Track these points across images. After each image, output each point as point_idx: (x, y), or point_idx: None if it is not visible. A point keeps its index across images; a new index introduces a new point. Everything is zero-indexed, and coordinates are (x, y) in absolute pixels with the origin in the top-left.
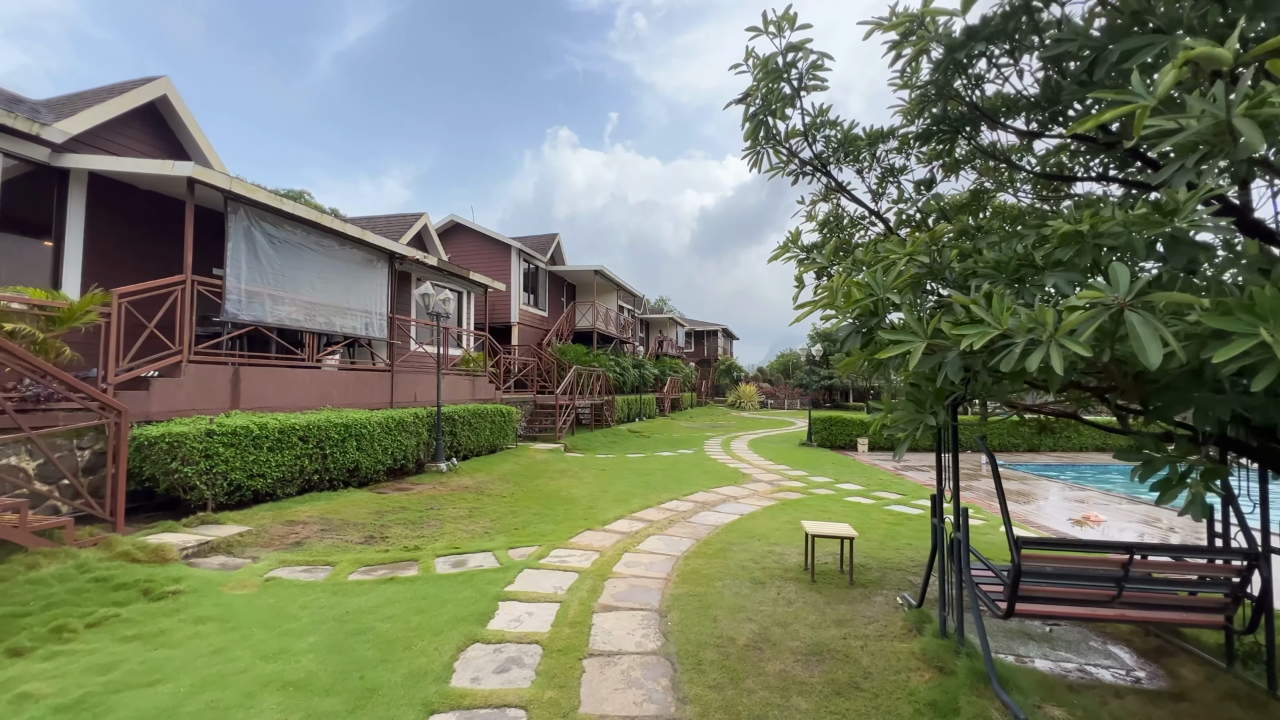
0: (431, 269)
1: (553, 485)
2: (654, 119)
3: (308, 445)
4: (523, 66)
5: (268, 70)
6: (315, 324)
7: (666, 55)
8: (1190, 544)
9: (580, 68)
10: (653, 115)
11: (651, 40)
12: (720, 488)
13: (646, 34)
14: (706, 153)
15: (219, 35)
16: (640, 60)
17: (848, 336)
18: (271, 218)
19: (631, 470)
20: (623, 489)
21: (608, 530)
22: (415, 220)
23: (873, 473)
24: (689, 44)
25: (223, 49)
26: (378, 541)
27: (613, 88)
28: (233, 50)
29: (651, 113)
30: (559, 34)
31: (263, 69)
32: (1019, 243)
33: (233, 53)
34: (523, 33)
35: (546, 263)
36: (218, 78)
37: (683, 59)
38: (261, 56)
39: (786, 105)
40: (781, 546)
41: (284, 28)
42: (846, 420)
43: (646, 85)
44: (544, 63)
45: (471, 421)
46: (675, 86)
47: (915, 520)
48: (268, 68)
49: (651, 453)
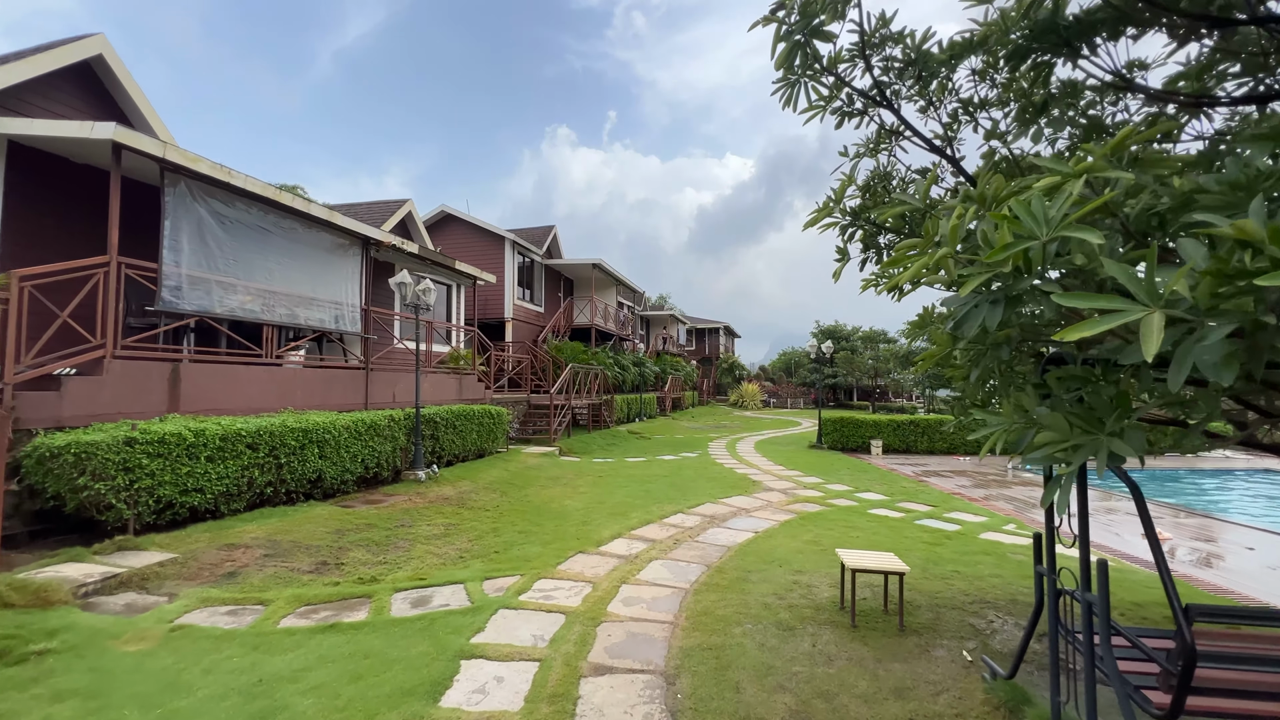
0: (412, 257)
1: (543, 495)
2: (654, 117)
3: (258, 454)
4: (523, 65)
5: (267, 69)
6: (275, 316)
7: (667, 53)
8: None
9: (581, 66)
10: (653, 113)
11: (652, 38)
12: (729, 498)
13: (646, 32)
14: (706, 151)
15: (218, 34)
16: (641, 58)
17: (970, 311)
18: (221, 194)
19: (631, 477)
20: (621, 500)
21: (603, 553)
22: (398, 207)
23: (893, 480)
24: (690, 42)
25: (222, 48)
26: (330, 569)
27: (613, 86)
28: (232, 49)
29: (652, 111)
30: (560, 32)
31: (261, 68)
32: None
33: (232, 52)
34: (523, 31)
35: (542, 256)
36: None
37: (684, 57)
38: (260, 55)
39: (832, 17)
40: (808, 575)
41: (283, 27)
42: (859, 421)
43: (647, 83)
44: (545, 61)
45: (456, 424)
46: (676, 85)
47: (956, 539)
48: (266, 67)
49: (653, 456)
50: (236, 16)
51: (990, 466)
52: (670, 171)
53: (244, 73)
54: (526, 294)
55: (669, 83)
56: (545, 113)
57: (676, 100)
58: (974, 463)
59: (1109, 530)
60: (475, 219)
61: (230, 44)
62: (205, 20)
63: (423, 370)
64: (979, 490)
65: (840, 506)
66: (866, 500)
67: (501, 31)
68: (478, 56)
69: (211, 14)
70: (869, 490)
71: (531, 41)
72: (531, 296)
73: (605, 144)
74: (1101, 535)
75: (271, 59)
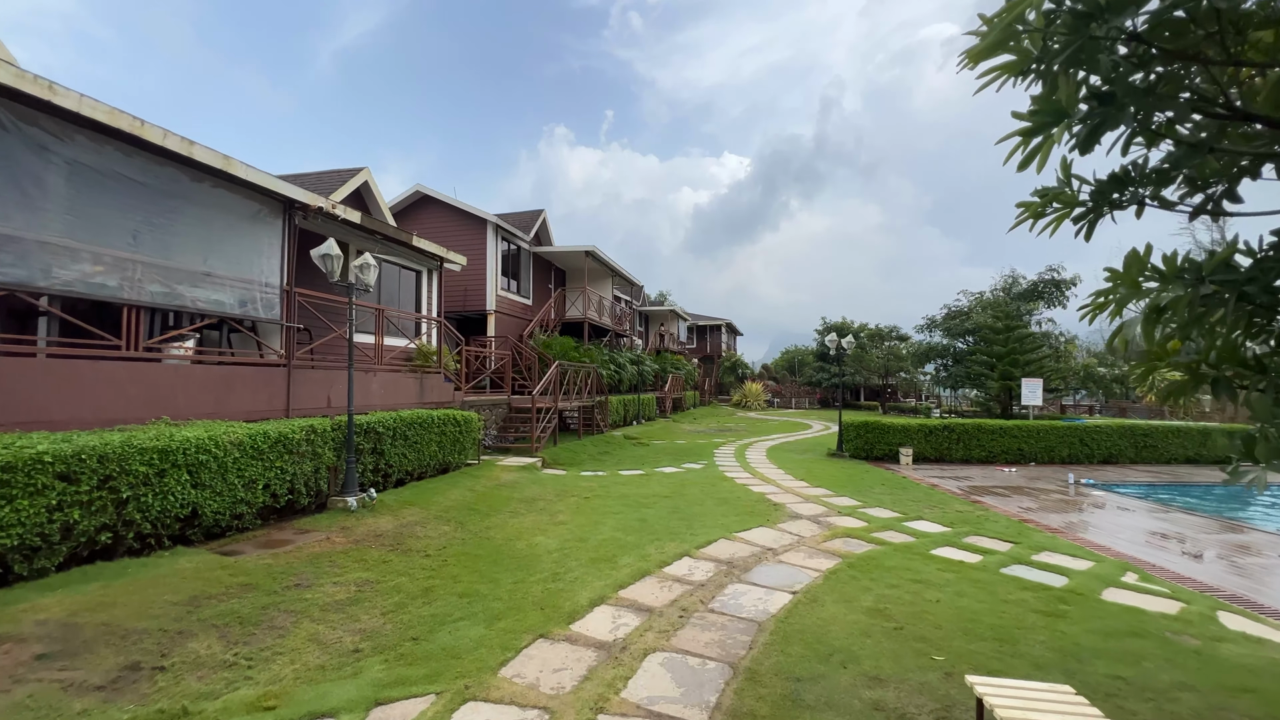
0: (353, 229)
1: (510, 528)
2: (654, 116)
3: (78, 487)
4: (522, 65)
5: (264, 70)
6: (142, 295)
7: (667, 52)
8: None
9: (581, 65)
10: (653, 112)
11: (651, 38)
12: (748, 530)
13: (644, 32)
14: (704, 150)
15: (218, 34)
16: (641, 57)
17: None
18: (49, 123)
19: (624, 498)
20: (608, 535)
21: (574, 638)
22: (351, 176)
23: (941, 500)
24: (690, 41)
25: (222, 48)
26: (140, 681)
27: (613, 85)
28: (232, 49)
29: (652, 110)
30: (560, 31)
31: (259, 69)
32: None
33: (232, 51)
34: (522, 31)
35: (530, 242)
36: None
37: (684, 56)
38: (259, 55)
39: None
40: (893, 688)
41: (284, 26)
42: (884, 426)
43: (647, 82)
44: (544, 60)
45: (408, 434)
46: (676, 84)
47: (1075, 604)
48: (264, 67)
49: (651, 468)
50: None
51: (1041, 479)
52: (668, 171)
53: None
54: (513, 285)
55: (670, 81)
56: (544, 113)
57: (677, 99)
58: (1021, 474)
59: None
60: (455, 200)
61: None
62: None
63: (371, 368)
64: (1052, 515)
65: (893, 544)
66: (922, 533)
67: (501, 32)
68: (478, 57)
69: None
70: (919, 517)
71: (531, 41)
72: (518, 287)
73: (603, 143)
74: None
75: (270, 59)
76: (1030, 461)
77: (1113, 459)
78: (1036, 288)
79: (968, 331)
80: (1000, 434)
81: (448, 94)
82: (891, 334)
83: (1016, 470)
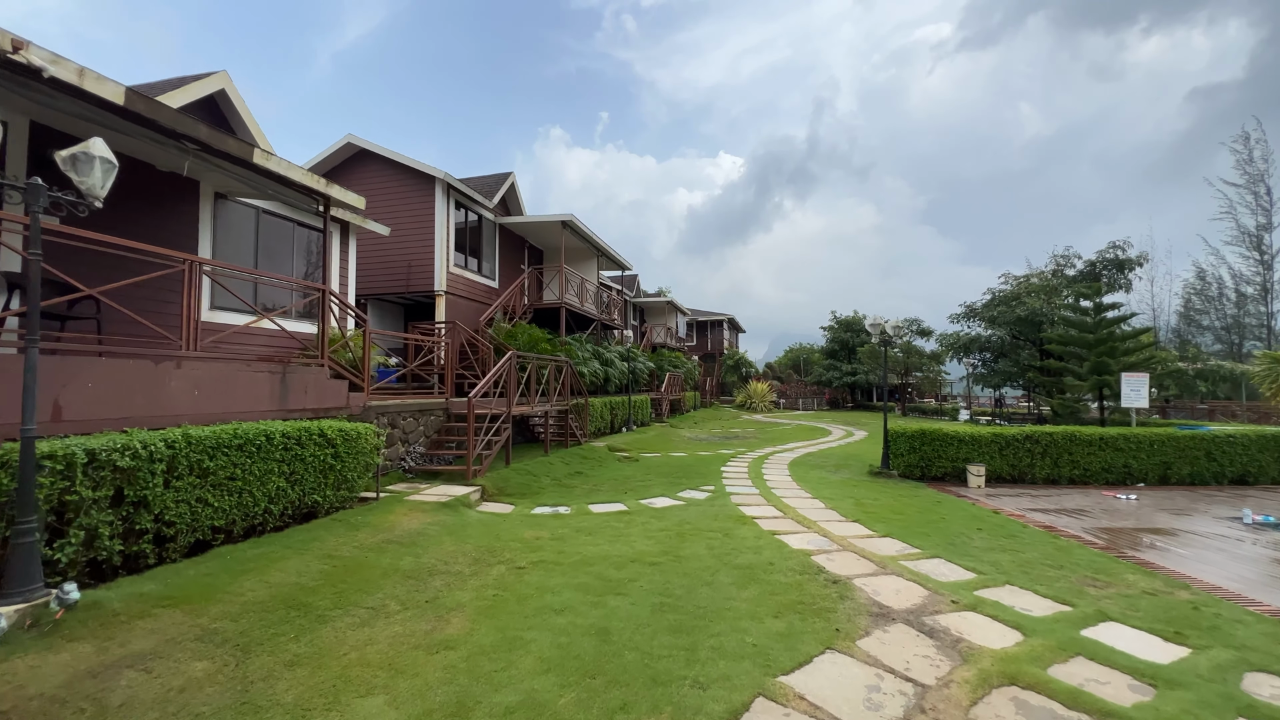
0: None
1: (332, 667)
2: (654, 117)
3: None
4: (521, 65)
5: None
6: None
7: (667, 53)
8: None
9: (579, 66)
10: (652, 113)
11: (649, 38)
12: (803, 666)
13: (640, 33)
14: (700, 151)
15: (217, 33)
16: (640, 58)
17: None
18: None
19: (582, 568)
20: (524, 690)
21: None
22: (200, 80)
23: (1086, 558)
24: (690, 41)
25: (221, 47)
26: None
27: (613, 86)
28: (231, 49)
29: (651, 110)
30: (559, 32)
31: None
32: None
33: (231, 51)
34: (521, 31)
35: (494, 210)
36: None
37: (684, 56)
38: (259, 55)
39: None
40: None
41: (283, 26)
42: (944, 436)
43: (647, 83)
44: (543, 61)
45: (212, 465)
46: (676, 84)
47: None
48: (262, 68)
49: (637, 499)
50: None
51: (1183, 511)
52: (665, 172)
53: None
54: (472, 262)
55: (669, 81)
56: (542, 113)
57: (677, 100)
58: (1148, 502)
59: None
60: (397, 154)
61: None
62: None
63: (175, 355)
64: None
65: (1109, 707)
66: (1126, 659)
67: (499, 32)
68: (476, 57)
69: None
70: (1079, 596)
71: (530, 41)
72: (479, 266)
73: (598, 144)
74: None
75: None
76: (1138, 482)
77: (1246, 478)
78: (1095, 268)
79: (1019, 319)
80: (1100, 446)
81: (444, 96)
82: (911, 327)
83: (1135, 497)
